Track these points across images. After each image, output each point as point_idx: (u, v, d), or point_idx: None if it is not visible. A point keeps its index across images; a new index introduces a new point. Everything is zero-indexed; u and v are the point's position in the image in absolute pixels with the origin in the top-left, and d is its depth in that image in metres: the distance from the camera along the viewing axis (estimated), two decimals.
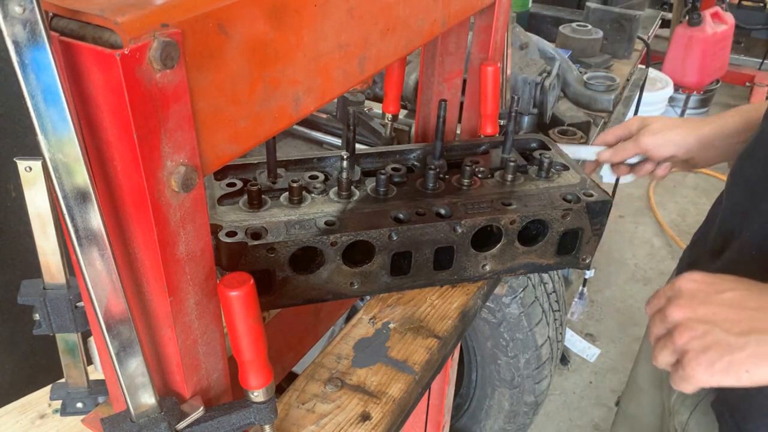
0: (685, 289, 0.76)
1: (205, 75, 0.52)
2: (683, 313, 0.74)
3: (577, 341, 2.99)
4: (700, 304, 0.73)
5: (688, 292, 0.75)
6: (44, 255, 0.73)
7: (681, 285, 0.77)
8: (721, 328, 0.70)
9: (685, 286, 0.76)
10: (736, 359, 0.68)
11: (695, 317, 0.73)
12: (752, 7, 5.36)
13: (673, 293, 0.77)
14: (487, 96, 1.16)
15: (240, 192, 0.96)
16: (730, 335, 0.69)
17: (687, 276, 0.77)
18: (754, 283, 0.74)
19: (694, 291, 0.75)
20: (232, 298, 0.61)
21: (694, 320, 0.72)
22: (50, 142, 0.46)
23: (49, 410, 0.86)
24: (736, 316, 0.70)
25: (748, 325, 0.69)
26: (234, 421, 0.68)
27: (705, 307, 0.73)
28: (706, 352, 0.70)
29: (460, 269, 1.01)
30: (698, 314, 0.73)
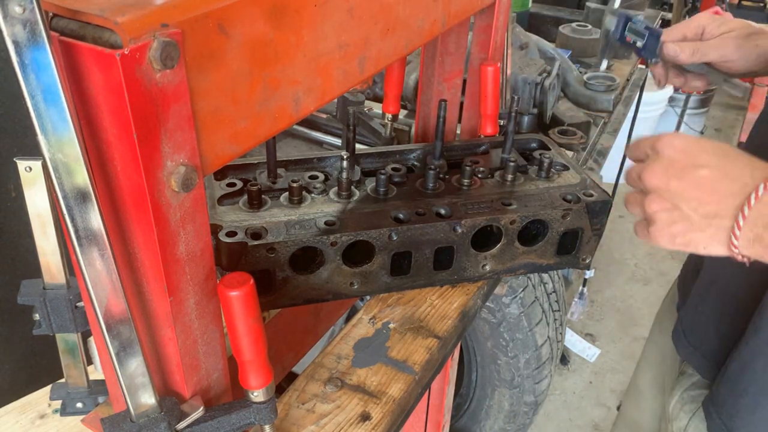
0: (665, 155, 0.75)
1: (205, 75, 0.52)
2: (657, 181, 0.74)
3: (577, 341, 2.99)
4: (674, 176, 0.73)
5: (667, 159, 0.74)
6: (44, 255, 0.73)
7: (661, 149, 0.76)
8: (688, 206, 0.72)
9: (665, 151, 0.75)
10: (697, 238, 0.73)
11: (667, 189, 0.73)
12: (752, 7, 5.36)
13: (653, 153, 0.77)
14: (487, 96, 1.16)
15: (240, 192, 0.96)
16: (695, 215, 0.72)
17: (668, 139, 0.76)
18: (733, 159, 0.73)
19: (671, 159, 0.74)
20: (232, 298, 0.61)
21: (666, 192, 0.74)
22: (50, 142, 0.46)
23: (49, 410, 0.86)
24: (706, 197, 0.71)
25: (714, 209, 0.71)
26: (234, 421, 0.68)
27: (678, 182, 0.73)
28: (671, 226, 0.74)
29: (460, 269, 1.01)
30: (670, 187, 0.73)
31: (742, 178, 0.70)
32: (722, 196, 0.71)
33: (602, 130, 1.99)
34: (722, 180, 0.71)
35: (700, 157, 0.73)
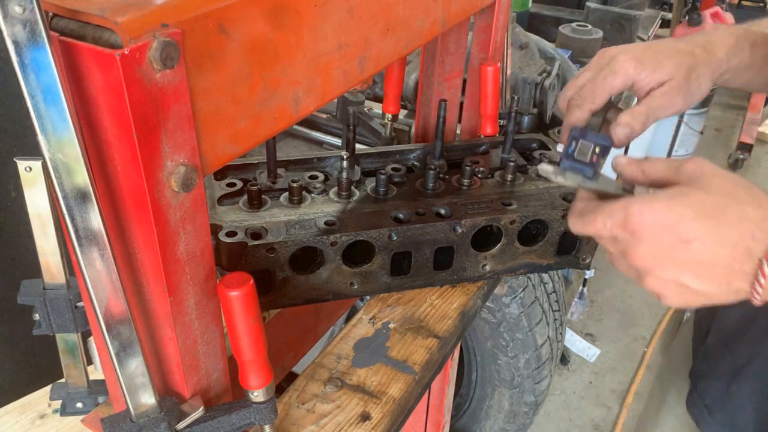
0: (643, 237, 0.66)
1: (205, 75, 0.52)
2: (649, 264, 0.68)
3: (577, 341, 2.99)
4: (667, 259, 0.66)
5: (648, 241, 0.66)
6: (44, 255, 0.73)
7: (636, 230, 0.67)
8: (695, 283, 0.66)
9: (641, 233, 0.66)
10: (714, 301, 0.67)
11: (662, 271, 0.67)
12: (752, 7, 5.36)
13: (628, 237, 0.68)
14: (487, 96, 1.16)
15: (240, 192, 0.96)
16: (705, 287, 0.66)
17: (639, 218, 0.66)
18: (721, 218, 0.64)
19: (653, 241, 0.66)
20: (232, 298, 0.61)
21: (663, 273, 0.67)
22: (50, 142, 0.46)
23: (49, 410, 0.86)
24: (710, 271, 0.65)
25: (724, 279, 0.65)
26: (234, 421, 0.68)
27: (673, 265, 0.66)
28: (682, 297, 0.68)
29: (460, 269, 1.01)
30: (666, 268, 0.67)
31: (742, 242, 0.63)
32: (728, 265, 0.64)
33: None
34: (721, 248, 0.64)
35: (684, 229, 0.65)
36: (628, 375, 2.85)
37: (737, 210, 0.64)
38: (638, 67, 0.84)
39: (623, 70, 0.84)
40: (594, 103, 0.85)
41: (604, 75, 0.85)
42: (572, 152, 0.82)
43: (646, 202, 0.67)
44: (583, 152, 0.82)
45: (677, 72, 0.85)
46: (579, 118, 0.85)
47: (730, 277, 0.64)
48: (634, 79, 0.85)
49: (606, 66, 0.86)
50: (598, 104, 0.85)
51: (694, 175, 0.68)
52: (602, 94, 0.85)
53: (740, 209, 0.64)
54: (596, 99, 0.85)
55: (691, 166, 0.69)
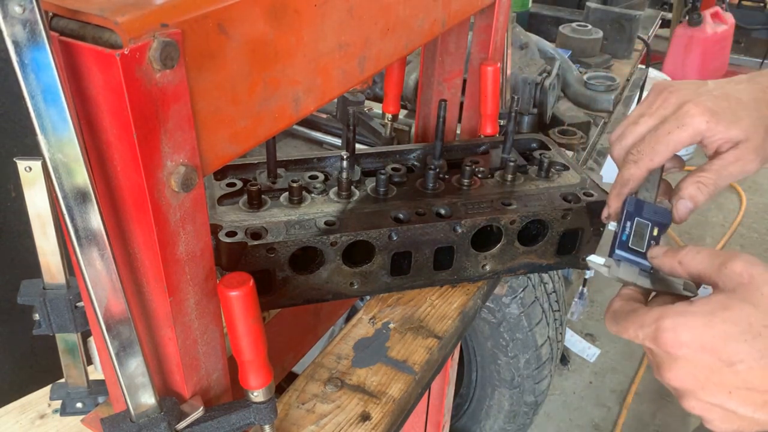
0: (680, 358, 0.60)
1: (205, 75, 0.52)
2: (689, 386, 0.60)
3: (577, 341, 2.99)
4: (707, 381, 0.59)
5: (686, 363, 0.59)
6: (44, 255, 0.73)
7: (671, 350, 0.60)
8: (743, 410, 0.59)
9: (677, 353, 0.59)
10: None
11: (705, 395, 0.60)
12: (752, 7, 5.37)
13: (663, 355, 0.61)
14: (487, 96, 1.16)
15: (240, 192, 0.96)
16: (757, 415, 0.59)
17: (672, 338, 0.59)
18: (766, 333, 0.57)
19: (693, 362, 0.59)
20: (232, 298, 0.61)
21: (705, 398, 0.60)
22: (50, 142, 0.46)
23: (49, 410, 0.86)
24: (761, 397, 0.57)
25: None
26: (234, 421, 0.68)
27: (716, 387, 0.59)
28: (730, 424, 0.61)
29: (460, 269, 1.01)
30: (708, 391, 0.59)
31: None
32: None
33: (602, 130, 1.99)
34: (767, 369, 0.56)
35: (728, 350, 0.57)
36: (628, 375, 2.85)
37: None
38: (711, 122, 0.71)
39: (694, 125, 0.72)
40: (653, 161, 0.75)
41: (669, 129, 0.73)
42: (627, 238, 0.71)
43: (681, 315, 0.59)
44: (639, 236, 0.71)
45: (755, 132, 0.72)
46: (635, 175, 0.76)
47: None
48: (705, 135, 0.72)
49: (672, 116, 0.74)
50: (657, 162, 0.75)
51: (740, 280, 0.60)
52: (665, 152, 0.74)
53: None
54: (656, 157, 0.74)
55: (738, 268, 0.61)
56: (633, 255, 0.69)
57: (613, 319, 0.68)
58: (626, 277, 0.69)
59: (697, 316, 0.59)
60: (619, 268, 0.68)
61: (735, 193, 4.15)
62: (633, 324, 0.64)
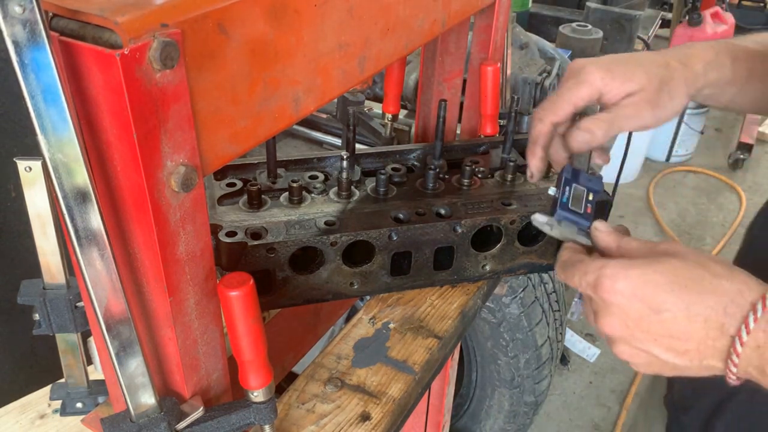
0: (614, 305, 0.65)
1: (205, 75, 0.52)
2: (618, 333, 0.66)
3: (577, 341, 2.99)
4: (636, 327, 0.64)
5: (618, 308, 0.64)
6: (44, 255, 0.73)
7: (606, 297, 0.65)
8: (666, 355, 0.64)
9: (611, 300, 0.65)
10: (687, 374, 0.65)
11: (633, 341, 0.65)
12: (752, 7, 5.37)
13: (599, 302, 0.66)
14: (487, 96, 1.16)
15: (240, 192, 0.96)
16: (677, 360, 0.64)
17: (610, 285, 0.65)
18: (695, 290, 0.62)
19: (623, 309, 0.64)
20: (232, 298, 0.61)
21: (633, 344, 0.65)
22: (50, 142, 0.46)
23: (49, 410, 0.86)
24: (681, 344, 0.62)
25: (696, 354, 0.62)
26: (234, 421, 0.68)
27: (643, 333, 0.64)
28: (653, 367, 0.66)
29: (460, 269, 1.01)
30: (636, 338, 0.64)
31: (715, 317, 0.61)
32: (701, 340, 0.62)
33: None
34: (692, 321, 0.61)
35: (657, 299, 0.62)
36: (628, 375, 2.85)
37: (711, 282, 0.62)
38: (606, 77, 0.79)
39: (590, 80, 0.79)
40: (556, 114, 0.81)
41: (569, 86, 0.81)
42: (567, 200, 0.78)
43: (621, 266, 0.65)
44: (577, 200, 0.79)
45: (648, 84, 0.79)
46: (542, 131, 0.82)
47: (702, 353, 0.62)
48: (602, 91, 0.80)
49: (573, 77, 0.82)
50: (560, 116, 0.81)
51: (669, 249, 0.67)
52: (565, 106, 0.80)
53: (714, 282, 0.62)
54: (558, 111, 0.81)
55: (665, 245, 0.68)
56: (573, 215, 0.77)
57: (562, 267, 0.73)
58: (567, 235, 0.76)
59: (634, 267, 0.64)
60: (561, 227, 0.76)
61: (735, 193, 4.15)
62: (578, 271, 0.69)
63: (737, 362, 0.60)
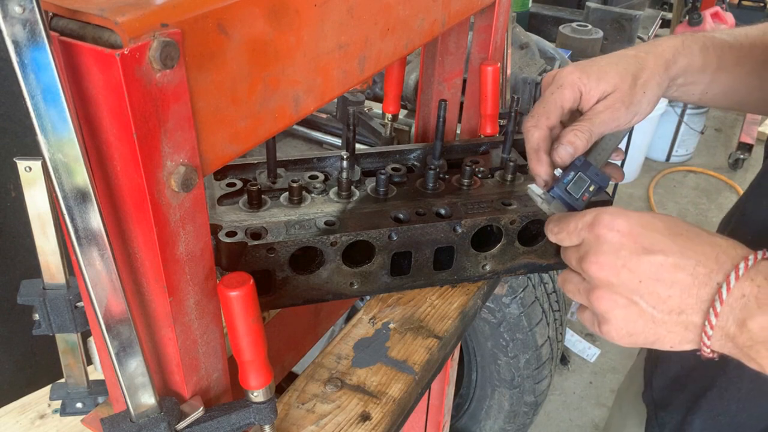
0: (608, 241, 0.64)
1: (205, 75, 0.52)
2: (604, 274, 0.64)
3: (577, 341, 2.99)
4: (624, 267, 0.63)
5: (611, 245, 0.64)
6: (44, 255, 0.73)
7: (602, 233, 0.65)
8: (647, 302, 0.62)
9: (607, 236, 0.64)
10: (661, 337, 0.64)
11: (618, 283, 0.63)
12: (752, 7, 5.37)
13: (592, 238, 0.66)
14: (487, 96, 1.16)
15: (240, 192, 0.96)
16: (656, 312, 0.62)
17: (609, 220, 0.65)
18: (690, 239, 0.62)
19: (617, 246, 0.64)
20: (232, 298, 0.61)
21: (617, 287, 0.64)
22: (50, 142, 0.46)
23: (48, 410, 0.86)
24: (666, 290, 0.61)
25: (678, 304, 0.61)
26: (234, 421, 0.68)
27: (629, 273, 0.63)
28: (629, 325, 0.64)
29: (460, 269, 1.01)
30: (621, 280, 0.63)
31: (706, 263, 0.61)
32: (685, 288, 0.61)
33: None
34: (683, 267, 0.61)
35: (652, 240, 0.63)
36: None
37: (708, 236, 0.63)
38: (583, 77, 0.82)
39: (569, 81, 0.82)
40: (549, 118, 0.83)
41: (552, 90, 0.84)
42: (567, 182, 0.80)
43: (621, 209, 0.66)
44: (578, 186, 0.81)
45: (621, 82, 0.81)
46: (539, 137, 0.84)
47: (684, 302, 0.61)
48: (582, 90, 0.82)
49: (552, 83, 0.85)
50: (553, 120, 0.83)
51: None
52: (555, 108, 0.83)
53: (710, 237, 0.63)
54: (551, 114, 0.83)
55: None
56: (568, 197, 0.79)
57: (556, 221, 0.73)
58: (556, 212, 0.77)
59: (633, 213, 0.66)
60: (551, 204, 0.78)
61: (735, 193, 4.16)
62: (575, 218, 0.69)
63: (719, 311, 0.59)
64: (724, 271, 0.60)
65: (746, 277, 0.58)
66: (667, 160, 4.52)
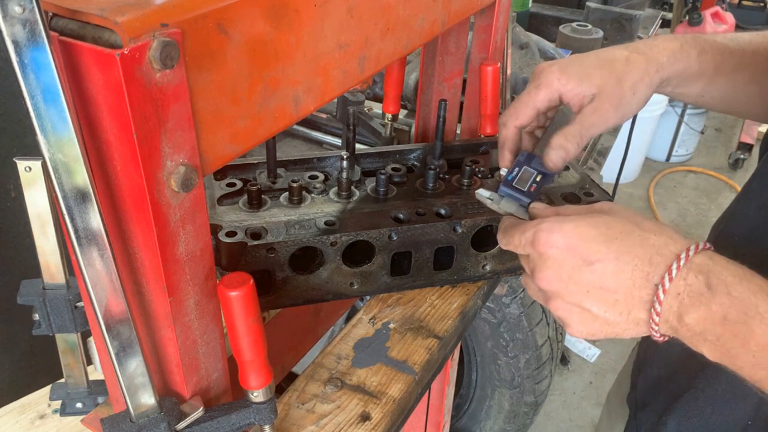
0: (549, 257, 0.67)
1: (205, 75, 0.52)
2: (554, 287, 0.67)
3: (577, 341, 2.99)
4: (569, 280, 0.66)
5: (553, 261, 0.67)
6: (44, 255, 0.73)
7: (542, 250, 0.67)
8: (597, 308, 0.66)
9: (547, 252, 0.67)
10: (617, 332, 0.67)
11: (567, 295, 0.67)
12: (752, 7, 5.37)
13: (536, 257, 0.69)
14: (487, 96, 1.16)
15: (240, 192, 0.96)
16: (607, 314, 0.65)
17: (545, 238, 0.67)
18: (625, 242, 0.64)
19: (558, 261, 0.66)
20: (232, 298, 0.61)
21: (567, 296, 0.67)
22: (50, 142, 0.46)
23: (48, 410, 0.86)
24: (611, 295, 0.64)
25: (624, 305, 0.64)
26: (234, 421, 0.68)
27: (576, 285, 0.66)
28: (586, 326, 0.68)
29: (460, 269, 1.01)
30: (570, 290, 0.66)
31: (641, 266, 0.63)
32: (628, 290, 0.64)
33: None
34: (621, 271, 0.64)
35: (588, 250, 0.65)
36: None
37: (640, 236, 0.65)
38: (563, 78, 0.81)
39: (546, 82, 0.81)
40: (518, 118, 0.83)
41: (529, 89, 0.83)
42: (512, 179, 0.82)
43: (557, 222, 0.68)
44: (523, 180, 0.82)
45: (605, 83, 0.80)
46: (507, 135, 0.84)
47: (630, 303, 0.64)
48: (561, 92, 0.81)
49: (533, 80, 0.84)
50: (523, 120, 0.83)
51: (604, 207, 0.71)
52: (526, 110, 0.82)
53: (643, 235, 0.65)
54: (520, 114, 0.83)
55: (600, 205, 0.72)
56: (515, 192, 0.81)
57: (503, 232, 0.75)
58: (507, 209, 0.80)
59: (568, 221, 0.67)
60: (501, 202, 0.81)
61: (735, 193, 4.15)
62: (518, 232, 0.71)
63: (659, 311, 0.62)
64: (659, 273, 0.62)
65: (679, 277, 0.61)
66: (667, 160, 4.52)
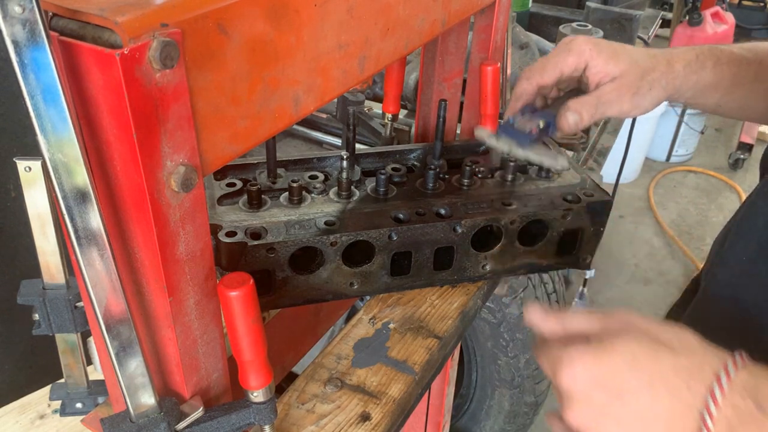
0: (577, 395, 0.62)
1: (205, 75, 0.52)
2: (587, 425, 0.63)
3: None
4: (603, 419, 0.62)
5: (582, 400, 0.62)
6: (44, 255, 0.73)
7: (568, 388, 0.63)
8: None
9: (574, 389, 0.62)
10: None
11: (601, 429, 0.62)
12: (752, 7, 5.36)
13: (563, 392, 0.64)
14: (487, 96, 1.16)
15: (240, 192, 0.96)
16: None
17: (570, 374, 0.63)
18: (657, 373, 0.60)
19: (588, 399, 0.62)
20: (231, 298, 0.61)
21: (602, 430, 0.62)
22: (50, 142, 0.46)
23: (48, 410, 0.86)
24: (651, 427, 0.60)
25: None
26: (234, 421, 0.68)
27: (610, 421, 0.61)
28: None
29: (460, 269, 1.01)
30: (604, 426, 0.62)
31: (681, 399, 0.59)
32: (668, 420, 0.59)
33: (603, 130, 1.99)
34: (657, 400, 0.59)
35: (620, 385, 0.61)
36: None
37: (670, 360, 0.60)
38: (594, 51, 0.83)
39: (579, 50, 0.84)
40: (542, 77, 0.85)
41: (558, 52, 0.86)
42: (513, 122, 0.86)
43: (576, 352, 0.63)
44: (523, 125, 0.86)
45: (630, 70, 0.83)
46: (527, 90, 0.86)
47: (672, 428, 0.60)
48: (588, 62, 0.84)
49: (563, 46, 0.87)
50: (546, 80, 0.85)
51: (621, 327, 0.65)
52: (553, 69, 0.85)
53: (673, 359, 0.60)
54: (545, 74, 0.85)
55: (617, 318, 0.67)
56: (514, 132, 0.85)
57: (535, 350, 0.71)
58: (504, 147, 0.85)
59: (589, 352, 0.63)
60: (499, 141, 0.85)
61: (735, 193, 4.16)
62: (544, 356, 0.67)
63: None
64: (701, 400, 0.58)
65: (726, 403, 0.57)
66: (667, 160, 4.52)
